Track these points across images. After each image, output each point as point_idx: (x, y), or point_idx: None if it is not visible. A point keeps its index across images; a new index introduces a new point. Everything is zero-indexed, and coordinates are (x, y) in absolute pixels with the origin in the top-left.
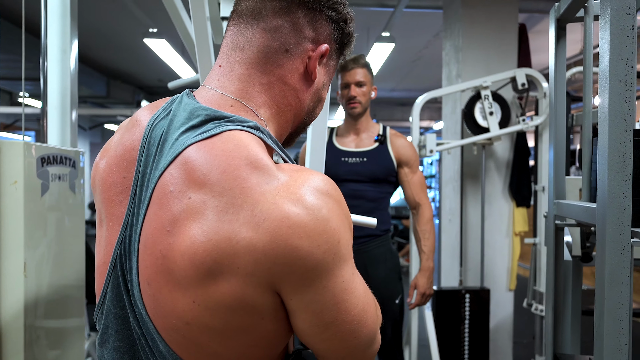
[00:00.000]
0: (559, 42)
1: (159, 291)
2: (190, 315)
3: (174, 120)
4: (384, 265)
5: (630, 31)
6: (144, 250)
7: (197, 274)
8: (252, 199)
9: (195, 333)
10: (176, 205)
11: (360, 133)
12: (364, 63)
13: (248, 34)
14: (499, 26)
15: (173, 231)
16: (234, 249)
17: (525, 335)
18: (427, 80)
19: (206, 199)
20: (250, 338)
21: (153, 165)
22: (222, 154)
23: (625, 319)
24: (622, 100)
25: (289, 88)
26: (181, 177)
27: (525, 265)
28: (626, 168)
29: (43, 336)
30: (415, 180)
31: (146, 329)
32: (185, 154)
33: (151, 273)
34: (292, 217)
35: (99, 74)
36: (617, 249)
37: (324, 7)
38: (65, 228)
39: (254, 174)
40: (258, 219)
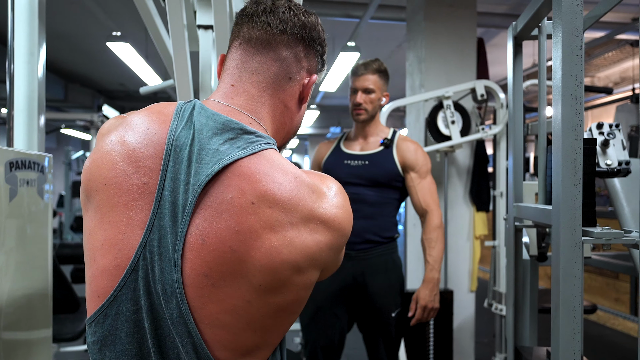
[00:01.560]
0: (516, 57)
1: (221, 280)
2: (255, 295)
3: (202, 130)
4: (384, 275)
5: (579, 50)
6: (202, 247)
7: (289, 269)
8: (314, 214)
9: (252, 310)
10: (241, 211)
11: (367, 137)
12: (376, 68)
13: (259, 60)
14: (459, 39)
15: (243, 231)
16: (320, 250)
17: (485, 335)
18: (391, 89)
19: (280, 216)
20: (298, 309)
21: (190, 172)
22: (283, 171)
23: (578, 309)
24: (573, 113)
25: (287, 110)
26: (240, 186)
27: (485, 269)
28: (577, 173)
29: (6, 349)
30: (424, 186)
31: (179, 325)
32: (239, 168)
33: (212, 265)
34: (339, 217)
35: (57, 76)
36: (570, 246)
37: (315, 44)
38: (33, 234)
39: (309, 194)
40: (321, 227)
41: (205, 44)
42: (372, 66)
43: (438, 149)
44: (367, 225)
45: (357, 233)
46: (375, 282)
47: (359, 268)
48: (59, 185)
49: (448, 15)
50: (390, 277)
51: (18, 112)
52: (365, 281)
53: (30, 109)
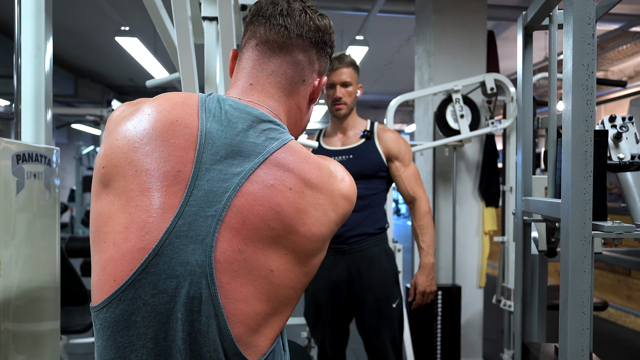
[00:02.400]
0: (526, 48)
1: (254, 253)
2: (280, 262)
3: (238, 123)
4: (379, 265)
5: (591, 39)
6: (242, 227)
7: (320, 240)
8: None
9: (273, 278)
10: (282, 195)
11: (347, 131)
12: (350, 61)
13: (277, 62)
14: (468, 32)
15: (283, 212)
16: (338, 223)
17: (494, 331)
18: (399, 83)
19: (316, 198)
20: (310, 278)
21: (231, 163)
22: (308, 160)
23: (587, 305)
24: (584, 103)
25: (299, 111)
26: (278, 175)
27: (493, 265)
28: (587, 165)
29: (15, 340)
30: (409, 174)
31: (208, 303)
32: (275, 159)
33: (249, 242)
34: (352, 197)
35: (67, 72)
36: (580, 241)
37: (327, 46)
38: (40, 227)
39: (331, 179)
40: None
41: (210, 36)
42: (346, 60)
43: (447, 143)
44: (359, 219)
45: (350, 227)
46: (371, 274)
47: (353, 261)
48: (70, 180)
49: (457, 7)
50: (385, 267)
51: (25, 106)
52: (360, 273)
53: (38, 103)
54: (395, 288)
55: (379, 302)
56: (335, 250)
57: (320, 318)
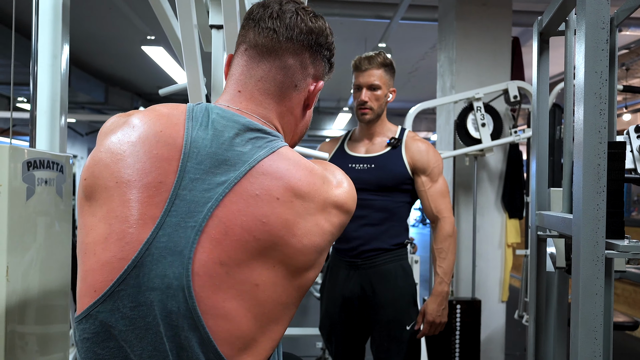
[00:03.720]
0: (541, 55)
1: (236, 266)
2: (266, 276)
3: (224, 132)
4: (394, 283)
5: (605, 45)
6: (224, 238)
7: (313, 252)
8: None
9: (258, 293)
10: (269, 205)
11: (373, 137)
12: (381, 62)
13: (265, 68)
14: (492, 39)
15: (270, 222)
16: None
17: (517, 348)
18: (425, 91)
19: (297, 203)
20: (303, 294)
21: (215, 172)
22: (298, 166)
23: (600, 330)
24: (597, 113)
25: (293, 117)
26: (265, 184)
27: (520, 277)
28: (600, 180)
29: (25, 342)
30: (435, 190)
31: (184, 318)
32: (262, 167)
33: (232, 254)
34: (348, 204)
35: (98, 80)
36: (592, 260)
37: (323, 49)
38: (52, 233)
39: (324, 184)
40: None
41: (218, 44)
42: (377, 60)
43: (467, 152)
44: (375, 233)
45: (364, 241)
46: (384, 292)
47: (366, 277)
48: None
49: (481, 14)
50: (401, 286)
51: (41, 113)
52: (374, 291)
53: (53, 111)
54: (410, 309)
55: (391, 324)
56: (349, 264)
57: (333, 333)
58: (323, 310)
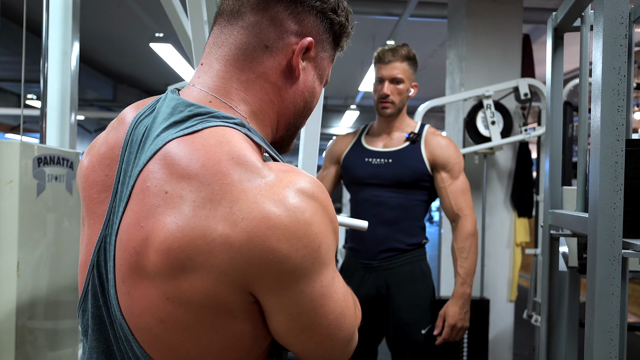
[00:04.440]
0: (556, 51)
1: (133, 288)
2: (165, 312)
3: (157, 117)
4: (412, 286)
5: (623, 40)
6: (120, 247)
7: (171, 269)
8: (231, 195)
9: (169, 331)
10: (152, 200)
11: (392, 133)
12: (405, 55)
13: (227, 32)
14: (502, 36)
15: (147, 226)
16: (209, 246)
17: (525, 347)
18: (434, 89)
19: (183, 193)
20: (224, 339)
21: (134, 162)
22: (202, 148)
23: (616, 330)
24: (615, 110)
25: (270, 85)
26: (159, 172)
27: (528, 276)
28: (618, 178)
29: (35, 337)
30: (456, 187)
31: (121, 329)
32: (165, 149)
33: (125, 271)
34: (272, 218)
35: (106, 77)
36: (608, 260)
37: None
38: (62, 229)
39: (236, 170)
40: (236, 216)
41: None
42: (401, 52)
43: (476, 150)
44: (390, 232)
45: (379, 241)
46: (401, 295)
47: (382, 279)
48: None
49: (491, 11)
50: (419, 289)
51: (51, 110)
52: (390, 294)
53: (63, 107)
54: (428, 312)
55: (407, 327)
56: (364, 265)
57: None
58: None
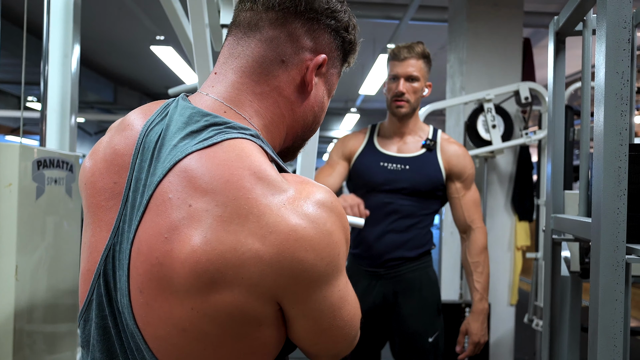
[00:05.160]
0: (558, 55)
1: (153, 299)
2: (188, 322)
3: (170, 125)
4: (418, 294)
5: (627, 44)
6: (137, 257)
7: (199, 282)
8: (257, 210)
9: (190, 340)
10: (176, 212)
11: (405, 136)
12: (421, 52)
13: (244, 44)
14: (503, 40)
15: (171, 238)
16: (240, 260)
17: (526, 351)
18: (434, 92)
19: (209, 207)
20: (247, 345)
21: (149, 171)
22: (224, 163)
23: (620, 337)
24: (618, 114)
25: (283, 99)
26: (181, 184)
27: (529, 280)
28: (621, 183)
29: (34, 340)
30: (468, 199)
31: (132, 339)
32: (186, 162)
33: (145, 280)
34: (299, 231)
35: (106, 80)
36: (612, 265)
37: (322, 17)
38: (61, 232)
39: (258, 185)
40: (264, 230)
41: None
42: (417, 49)
43: (477, 154)
44: (400, 240)
45: (388, 249)
46: (408, 303)
47: (389, 287)
48: None
49: (492, 15)
50: (426, 296)
51: (51, 113)
52: (397, 302)
53: (63, 110)
54: (435, 320)
55: (414, 335)
56: (371, 273)
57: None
58: None
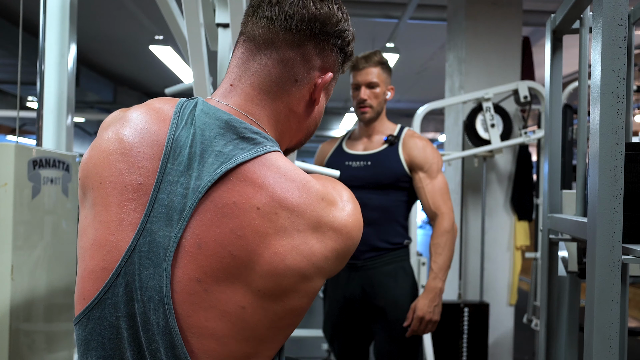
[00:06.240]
0: (554, 54)
1: (215, 285)
2: (252, 301)
3: (205, 130)
4: (394, 284)
5: (622, 42)
6: (198, 252)
7: (295, 275)
8: (323, 220)
9: (247, 317)
10: (246, 215)
11: (372, 136)
12: (378, 60)
13: (261, 61)
14: (502, 39)
15: (245, 236)
16: (326, 259)
17: (526, 352)
18: (433, 91)
19: (280, 213)
20: (296, 320)
21: (191, 175)
22: (290, 177)
23: (615, 338)
24: (614, 113)
25: (293, 114)
26: (244, 192)
27: (529, 280)
28: (617, 182)
29: (30, 340)
30: (434, 187)
31: (164, 335)
32: (243, 172)
33: (208, 270)
34: (354, 232)
35: (107, 80)
36: (607, 266)
37: (332, 37)
38: (57, 231)
39: (323, 202)
40: (335, 233)
41: (225, 42)
42: (374, 58)
43: (476, 153)
44: (372, 232)
45: (362, 241)
46: (385, 294)
47: (366, 279)
48: None
49: (491, 13)
50: (402, 287)
51: (48, 113)
52: (374, 293)
53: (60, 110)
54: (409, 309)
55: (392, 324)
56: (349, 265)
57: (336, 335)
58: (326, 311)
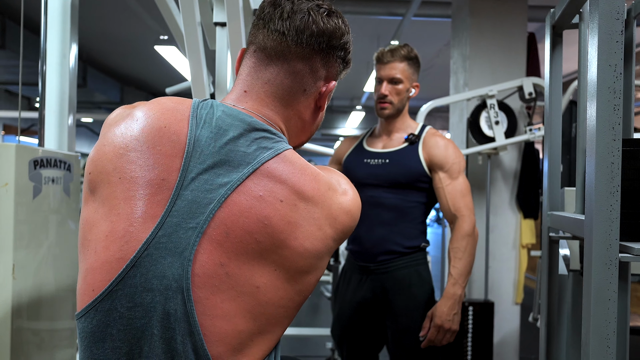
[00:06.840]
0: (554, 49)
1: (238, 267)
2: (267, 279)
3: (229, 131)
4: (408, 290)
5: (619, 36)
6: (225, 239)
7: (313, 256)
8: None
9: (259, 295)
10: (271, 205)
11: (392, 134)
12: (405, 55)
13: (273, 71)
14: (507, 35)
15: (272, 224)
16: (336, 240)
17: (532, 351)
18: (440, 89)
19: (298, 204)
20: (304, 297)
21: (218, 173)
22: (304, 171)
23: (613, 337)
24: (611, 108)
25: (301, 121)
26: (268, 186)
27: (535, 278)
28: (614, 179)
29: (32, 339)
30: (454, 188)
31: (181, 322)
32: (266, 169)
33: (232, 255)
34: (356, 213)
35: (113, 80)
36: (604, 264)
37: (337, 50)
38: (59, 231)
39: (331, 191)
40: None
41: (222, 41)
42: (400, 52)
43: (480, 151)
44: (386, 233)
45: (376, 242)
46: (398, 300)
47: (378, 283)
48: None
49: (495, 9)
50: (416, 293)
51: (49, 113)
52: (387, 298)
53: (62, 110)
54: (424, 317)
55: (404, 332)
56: (361, 268)
57: (345, 338)
58: (335, 313)
